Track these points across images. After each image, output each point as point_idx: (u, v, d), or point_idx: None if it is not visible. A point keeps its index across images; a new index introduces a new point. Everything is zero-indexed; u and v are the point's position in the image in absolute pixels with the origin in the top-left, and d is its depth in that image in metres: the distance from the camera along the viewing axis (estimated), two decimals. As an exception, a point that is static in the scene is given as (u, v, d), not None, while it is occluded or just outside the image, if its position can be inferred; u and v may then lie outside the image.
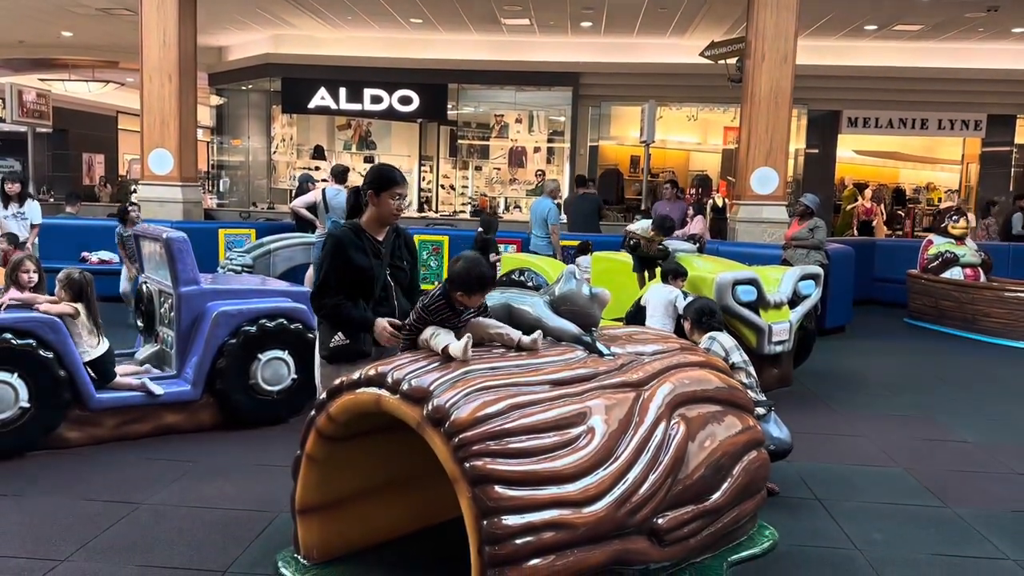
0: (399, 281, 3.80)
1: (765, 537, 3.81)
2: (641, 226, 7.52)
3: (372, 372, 3.08)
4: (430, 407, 2.85)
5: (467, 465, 2.73)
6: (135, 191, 14.70)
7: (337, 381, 3.22)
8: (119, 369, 5.30)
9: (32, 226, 8.92)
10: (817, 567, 3.67)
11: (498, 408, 2.89)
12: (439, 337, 3.16)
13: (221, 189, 17.55)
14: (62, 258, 9.15)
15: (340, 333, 3.62)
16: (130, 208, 8.85)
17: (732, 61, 11.37)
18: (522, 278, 7.99)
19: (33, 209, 8.94)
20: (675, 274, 6.28)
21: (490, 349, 3.29)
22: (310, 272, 8.68)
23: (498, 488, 2.73)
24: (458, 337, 3.19)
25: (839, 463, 5.08)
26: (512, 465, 2.79)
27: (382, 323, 3.54)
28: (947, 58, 14.51)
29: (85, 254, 10.27)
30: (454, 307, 3.24)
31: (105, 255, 10.24)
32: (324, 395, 3.28)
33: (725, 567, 3.50)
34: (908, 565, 3.73)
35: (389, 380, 3.00)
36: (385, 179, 3.74)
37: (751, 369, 4.56)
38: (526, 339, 3.29)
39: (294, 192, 12.21)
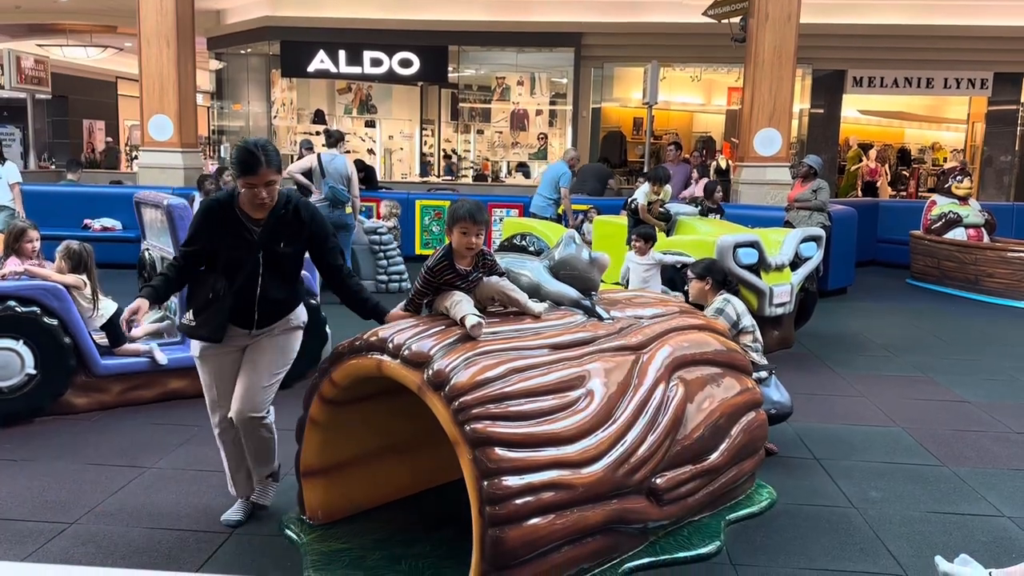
0: (276, 266, 3.34)
1: (763, 496, 3.87)
2: (643, 191, 7.52)
3: (373, 338, 3.11)
4: (430, 371, 2.88)
5: (467, 428, 2.77)
6: (136, 157, 14.66)
7: (339, 347, 3.25)
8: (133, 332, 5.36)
9: (10, 185, 8.66)
10: (815, 525, 3.72)
11: (498, 372, 2.93)
12: (460, 305, 3.13)
13: (223, 155, 17.48)
14: (65, 226, 9.17)
15: (190, 312, 3.33)
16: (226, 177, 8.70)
17: (736, 20, 11.24)
18: (524, 243, 8.00)
19: (8, 170, 8.69)
20: (645, 238, 6.29)
21: (492, 314, 3.31)
22: None
23: (498, 450, 2.77)
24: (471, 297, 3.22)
25: (838, 423, 5.13)
26: (512, 427, 2.83)
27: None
28: (953, 15, 14.30)
29: (87, 221, 10.28)
30: (456, 268, 3.22)
31: (108, 222, 10.26)
32: (327, 360, 3.32)
33: (723, 525, 3.55)
34: (904, 523, 3.78)
35: (390, 345, 3.03)
36: (238, 164, 3.18)
37: (758, 334, 4.59)
38: (534, 308, 3.31)
39: (295, 158, 12.16)
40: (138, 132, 14.22)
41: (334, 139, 8.60)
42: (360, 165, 12.45)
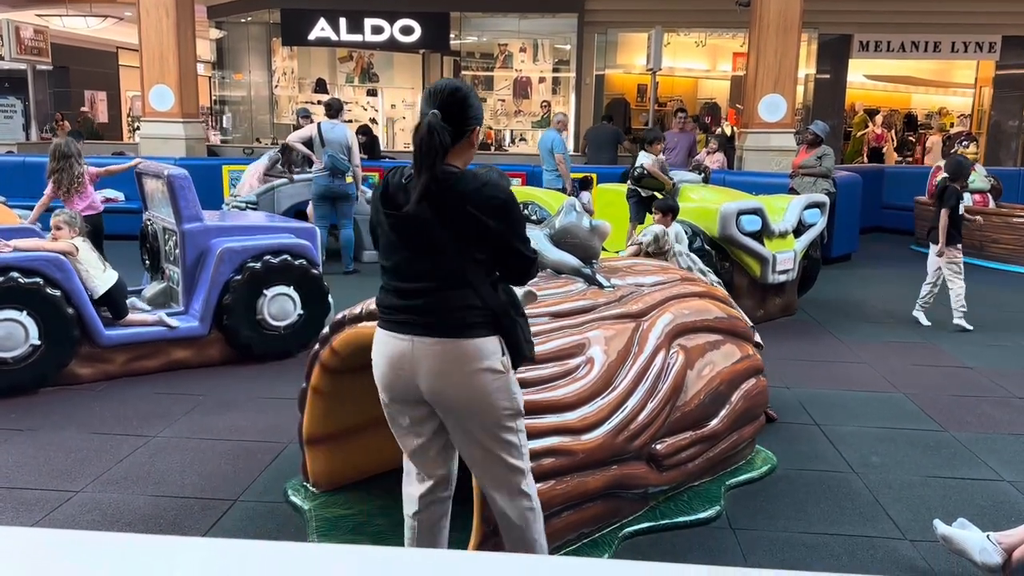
0: None
1: (763, 461, 3.89)
2: (644, 154, 7.46)
3: (373, 306, 3.11)
4: (430, 339, 2.88)
5: (467, 395, 2.77)
6: (138, 128, 14.60)
7: (339, 316, 3.26)
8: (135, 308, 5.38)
9: None
10: (814, 490, 3.75)
11: (497, 339, 2.93)
12: None
13: (225, 125, 17.40)
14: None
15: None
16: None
17: (740, -16, 11.10)
18: (526, 211, 7.98)
19: None
20: (664, 210, 6.24)
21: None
22: (310, 208, 8.65)
23: (498, 417, 2.77)
24: None
25: (840, 389, 5.13)
26: (511, 395, 2.84)
27: None
28: (962, -22, 14.11)
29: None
30: None
31: (110, 193, 10.23)
32: (327, 329, 3.33)
33: (723, 490, 3.58)
34: (903, 487, 3.80)
35: (389, 313, 3.02)
36: None
37: (696, 258, 5.20)
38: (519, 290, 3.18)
39: (293, 127, 12.10)
40: (139, 102, 14.16)
41: (334, 109, 8.54)
42: (364, 130, 12.37)
